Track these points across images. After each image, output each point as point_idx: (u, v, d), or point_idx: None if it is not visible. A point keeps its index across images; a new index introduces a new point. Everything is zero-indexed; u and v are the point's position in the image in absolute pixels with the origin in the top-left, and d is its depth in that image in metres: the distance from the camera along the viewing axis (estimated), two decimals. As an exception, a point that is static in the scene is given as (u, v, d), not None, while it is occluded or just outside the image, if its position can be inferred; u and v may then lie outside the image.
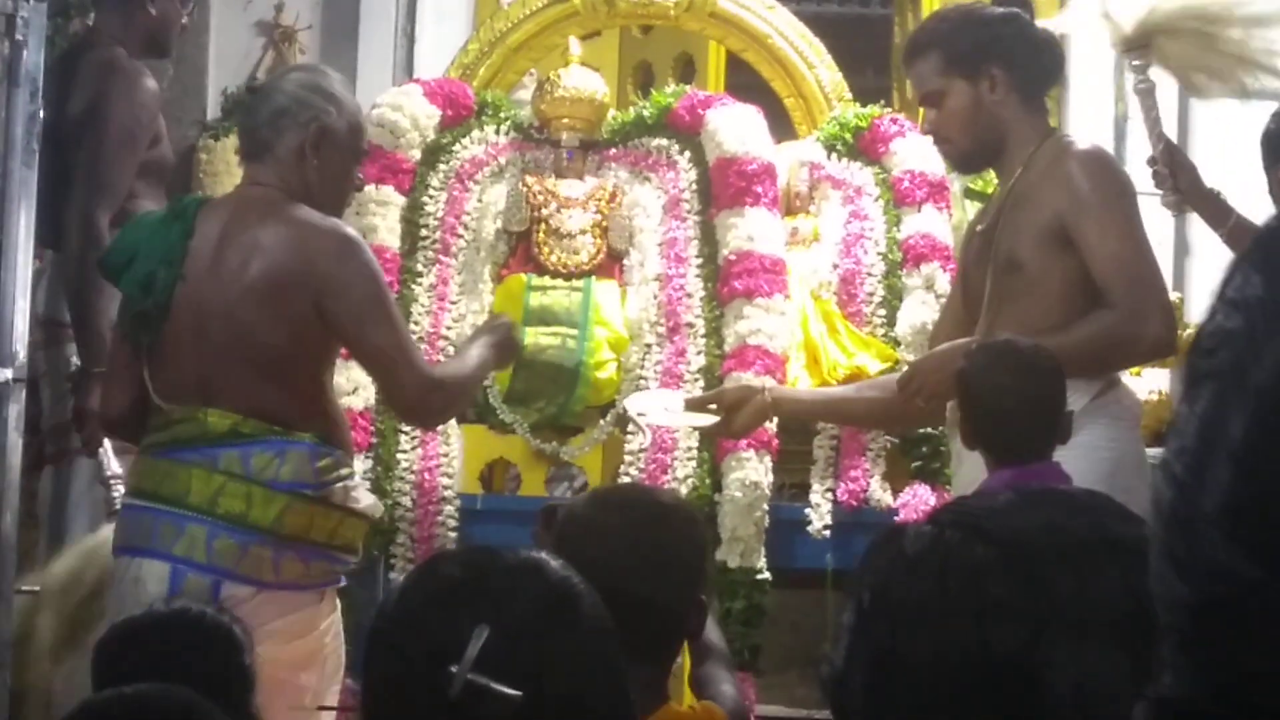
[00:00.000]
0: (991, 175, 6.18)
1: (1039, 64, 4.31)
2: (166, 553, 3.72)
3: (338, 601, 3.98)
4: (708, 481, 4.92)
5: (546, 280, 5.27)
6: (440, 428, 4.98)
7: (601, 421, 5.18)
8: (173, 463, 3.78)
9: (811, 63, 5.65)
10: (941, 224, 5.23)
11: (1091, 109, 6.66)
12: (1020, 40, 4.30)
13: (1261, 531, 0.78)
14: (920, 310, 5.09)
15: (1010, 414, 3.54)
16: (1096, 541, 1.10)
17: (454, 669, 1.60)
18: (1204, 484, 0.80)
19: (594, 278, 5.28)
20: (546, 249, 5.30)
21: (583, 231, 5.31)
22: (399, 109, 5.36)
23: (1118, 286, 4.00)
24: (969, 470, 4.16)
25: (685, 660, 4.50)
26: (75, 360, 4.96)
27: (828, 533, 4.90)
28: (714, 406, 4.61)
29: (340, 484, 3.84)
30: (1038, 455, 3.52)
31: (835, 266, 5.27)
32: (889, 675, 1.13)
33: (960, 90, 4.25)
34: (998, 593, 1.09)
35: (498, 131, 5.49)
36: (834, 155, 5.40)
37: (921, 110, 4.82)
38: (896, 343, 5.10)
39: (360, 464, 4.81)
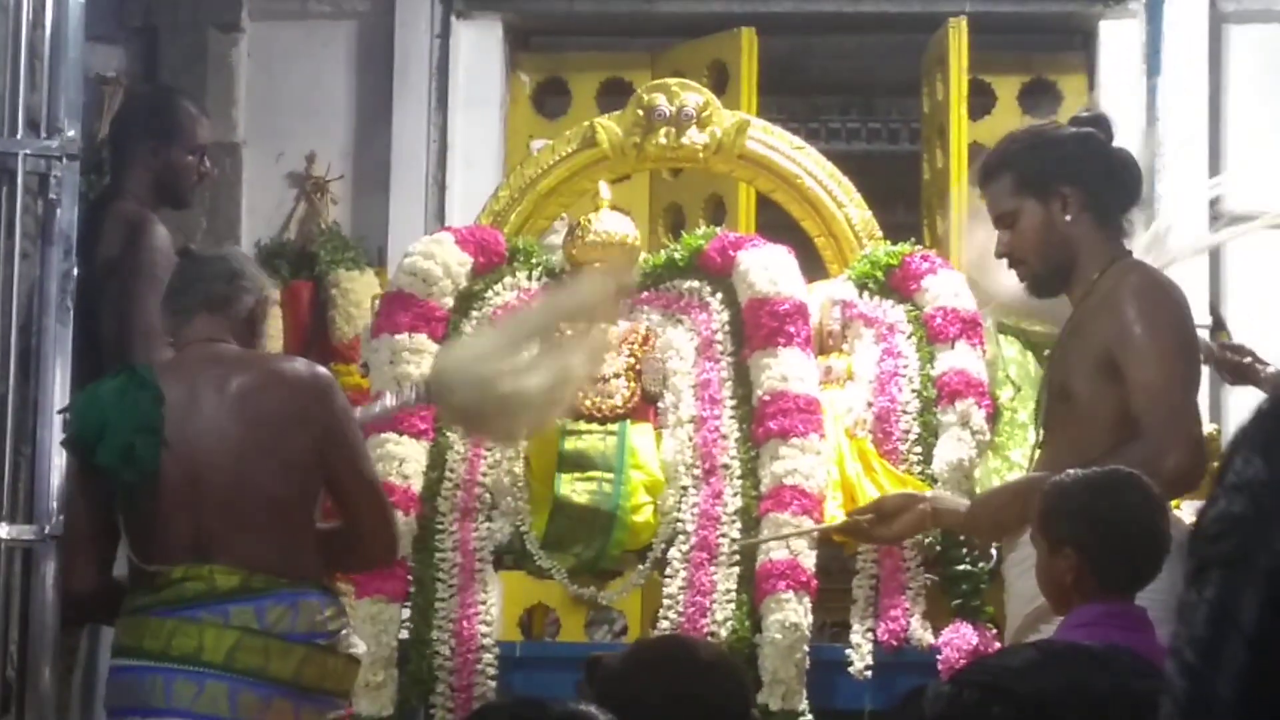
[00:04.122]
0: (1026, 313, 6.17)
1: (1113, 185, 4.26)
2: (187, 710, 3.73)
3: None
4: (747, 624, 4.88)
5: (581, 424, 5.25)
6: (478, 575, 4.96)
7: (640, 565, 5.16)
8: (180, 620, 3.79)
9: (840, 201, 5.66)
10: (975, 360, 5.21)
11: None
12: (1093, 160, 4.26)
13: None
14: (956, 447, 5.06)
15: (1131, 542, 3.48)
16: (1118, 698, 1.07)
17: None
18: (1220, 670, 0.77)
19: (629, 421, 5.26)
20: (580, 393, 5.30)
21: (616, 375, 5.30)
22: (431, 257, 5.37)
23: (1145, 416, 3.97)
24: (1017, 604, 4.12)
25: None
26: None
27: (869, 673, 4.85)
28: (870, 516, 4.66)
29: (344, 631, 3.89)
30: (1139, 587, 3.48)
31: (870, 404, 5.25)
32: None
33: (1032, 211, 4.22)
34: None
35: (530, 277, 5.50)
36: (866, 293, 5.39)
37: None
38: (933, 480, 5.06)
39: (398, 613, 4.80)
